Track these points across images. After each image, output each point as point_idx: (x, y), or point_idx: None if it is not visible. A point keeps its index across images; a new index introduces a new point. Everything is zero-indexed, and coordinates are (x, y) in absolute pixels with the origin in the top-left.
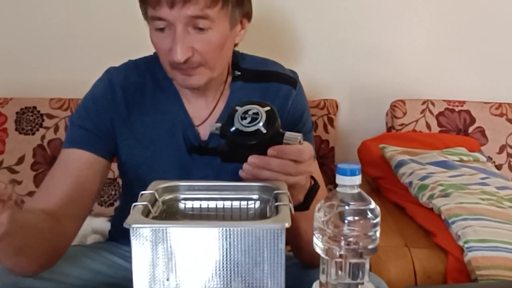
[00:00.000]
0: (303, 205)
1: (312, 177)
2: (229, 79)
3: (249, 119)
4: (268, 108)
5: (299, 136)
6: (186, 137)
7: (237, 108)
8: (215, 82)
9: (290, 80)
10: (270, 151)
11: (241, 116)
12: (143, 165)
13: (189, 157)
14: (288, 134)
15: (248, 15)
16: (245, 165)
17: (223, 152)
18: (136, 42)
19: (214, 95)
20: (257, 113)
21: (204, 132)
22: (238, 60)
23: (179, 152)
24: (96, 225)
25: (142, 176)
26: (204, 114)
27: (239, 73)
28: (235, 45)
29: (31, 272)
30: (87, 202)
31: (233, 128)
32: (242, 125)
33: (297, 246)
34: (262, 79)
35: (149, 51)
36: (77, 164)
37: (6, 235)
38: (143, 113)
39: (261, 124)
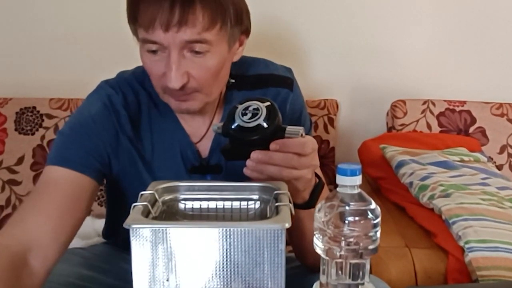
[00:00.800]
0: (309, 202)
1: (317, 175)
2: (224, 89)
3: (249, 115)
4: (268, 103)
5: (300, 129)
6: (186, 156)
7: (237, 105)
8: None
9: (287, 81)
10: (272, 145)
11: (241, 113)
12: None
13: (188, 177)
14: (289, 128)
15: (247, 31)
16: (248, 162)
17: (226, 150)
18: (136, 42)
19: (211, 110)
20: (257, 109)
21: (203, 149)
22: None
23: (179, 172)
24: (98, 227)
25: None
26: (201, 130)
27: (233, 80)
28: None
29: None
30: (70, 233)
31: (235, 125)
32: (243, 121)
33: (301, 247)
34: (257, 85)
35: None
36: (72, 189)
37: None
38: (142, 133)
39: (262, 119)
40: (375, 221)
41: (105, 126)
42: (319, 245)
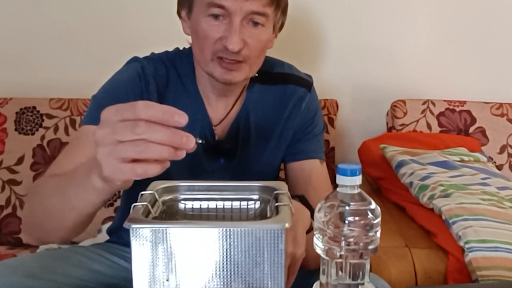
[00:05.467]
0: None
1: (304, 201)
2: (248, 81)
3: None
4: None
5: None
6: (203, 136)
7: None
8: (240, 84)
9: (306, 83)
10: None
11: None
12: None
13: (204, 157)
14: None
15: (282, 27)
16: None
17: None
18: (137, 41)
19: (234, 96)
20: None
21: (220, 132)
22: None
23: (196, 150)
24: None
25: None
26: (221, 114)
27: (257, 74)
28: None
29: (47, 241)
30: None
31: None
32: None
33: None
34: (278, 81)
35: (151, 50)
36: None
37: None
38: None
39: None
40: (375, 221)
41: (135, 91)
42: (319, 245)
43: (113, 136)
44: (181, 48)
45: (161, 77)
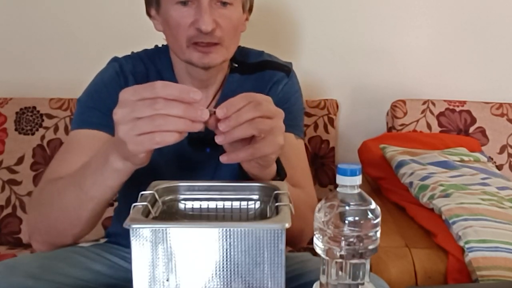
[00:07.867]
0: (279, 173)
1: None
2: (227, 71)
3: None
4: None
5: None
6: None
7: None
8: (219, 72)
9: (284, 68)
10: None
11: None
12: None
13: (189, 149)
14: None
15: (251, 10)
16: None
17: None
18: (136, 41)
19: (214, 87)
20: None
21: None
22: (236, 53)
23: (180, 143)
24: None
25: (143, 168)
26: (202, 106)
27: (236, 65)
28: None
29: (60, 242)
30: None
31: None
32: None
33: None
34: (257, 69)
35: None
36: (93, 144)
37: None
38: None
39: None
40: (375, 221)
41: (116, 90)
42: (319, 245)
43: (133, 114)
44: (159, 46)
45: (140, 73)
